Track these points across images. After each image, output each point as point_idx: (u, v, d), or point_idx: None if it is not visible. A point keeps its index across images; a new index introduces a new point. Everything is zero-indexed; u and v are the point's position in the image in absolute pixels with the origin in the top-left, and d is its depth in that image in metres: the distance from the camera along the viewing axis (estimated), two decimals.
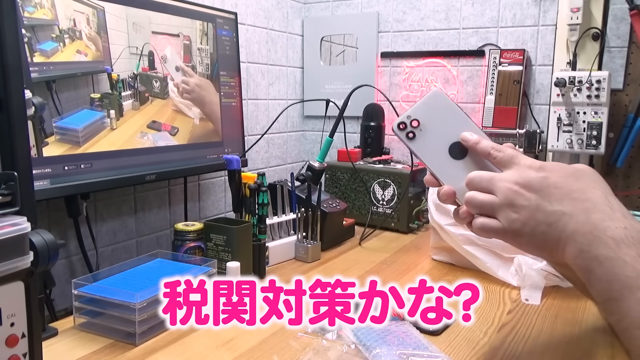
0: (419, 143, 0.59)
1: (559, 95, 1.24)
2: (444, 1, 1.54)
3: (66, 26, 0.91)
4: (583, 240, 0.51)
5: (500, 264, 0.98)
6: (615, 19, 1.31)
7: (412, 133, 0.59)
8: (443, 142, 0.59)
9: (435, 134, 0.59)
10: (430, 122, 0.59)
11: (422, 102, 0.60)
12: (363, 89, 1.34)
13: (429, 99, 0.60)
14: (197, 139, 1.19)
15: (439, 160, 0.58)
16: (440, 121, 0.59)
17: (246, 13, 1.51)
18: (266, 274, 1.01)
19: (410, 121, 0.59)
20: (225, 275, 0.85)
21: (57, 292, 1.00)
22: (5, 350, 0.49)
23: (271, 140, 1.66)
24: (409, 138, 0.59)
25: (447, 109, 0.59)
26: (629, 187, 1.35)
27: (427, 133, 0.59)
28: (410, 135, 0.59)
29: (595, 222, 0.51)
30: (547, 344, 0.73)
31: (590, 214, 0.52)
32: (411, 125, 0.59)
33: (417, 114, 0.59)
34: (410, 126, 0.59)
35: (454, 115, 0.59)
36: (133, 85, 1.03)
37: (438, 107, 0.59)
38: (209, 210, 1.43)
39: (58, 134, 0.90)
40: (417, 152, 0.59)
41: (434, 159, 0.59)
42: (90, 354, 0.70)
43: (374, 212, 1.37)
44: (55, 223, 1.04)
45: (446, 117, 0.59)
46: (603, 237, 0.50)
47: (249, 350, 0.71)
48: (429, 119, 0.59)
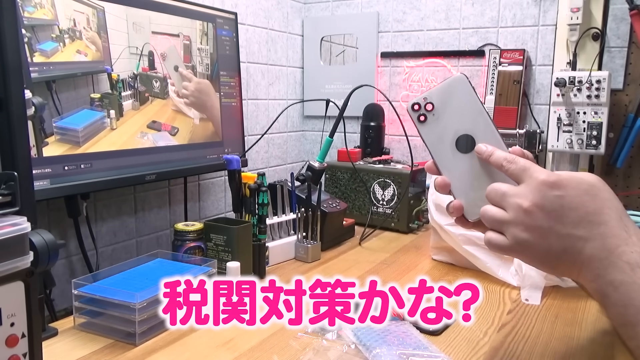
0: (428, 128, 0.57)
1: (559, 95, 1.24)
2: (444, 1, 1.54)
3: (66, 26, 0.91)
4: (599, 265, 0.51)
5: (500, 264, 0.98)
6: (615, 19, 1.31)
7: (424, 116, 0.57)
8: (452, 132, 0.57)
9: (447, 122, 0.57)
10: (446, 108, 0.57)
11: (442, 87, 0.58)
12: (363, 89, 1.34)
13: (450, 85, 0.57)
14: (197, 139, 1.19)
15: (443, 150, 0.57)
16: (456, 110, 0.57)
17: (246, 13, 1.51)
18: (266, 274, 1.01)
19: (425, 104, 0.57)
20: (225, 275, 0.85)
21: (57, 292, 1.00)
22: (5, 350, 0.49)
23: (271, 140, 1.66)
24: (420, 121, 0.57)
25: (466, 98, 0.57)
26: (629, 187, 1.35)
27: (440, 119, 0.57)
28: (422, 119, 0.57)
29: (611, 248, 0.50)
30: (547, 344, 0.73)
31: (605, 239, 0.51)
32: (425, 108, 0.57)
33: (433, 98, 0.57)
34: (424, 109, 0.57)
35: (472, 106, 0.57)
36: (133, 85, 1.03)
37: (457, 95, 0.57)
38: (209, 210, 1.43)
39: (58, 134, 0.90)
40: (424, 137, 0.57)
41: (438, 147, 0.57)
42: (90, 354, 0.70)
43: (374, 212, 1.37)
44: (55, 223, 1.04)
45: (463, 107, 0.57)
46: (619, 262, 0.50)
47: (249, 350, 0.71)
48: (445, 105, 0.57)
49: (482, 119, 0.57)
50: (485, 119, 0.57)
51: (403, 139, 1.63)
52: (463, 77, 0.57)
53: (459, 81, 0.57)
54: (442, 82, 0.58)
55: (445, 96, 0.57)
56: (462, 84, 0.57)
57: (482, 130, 0.57)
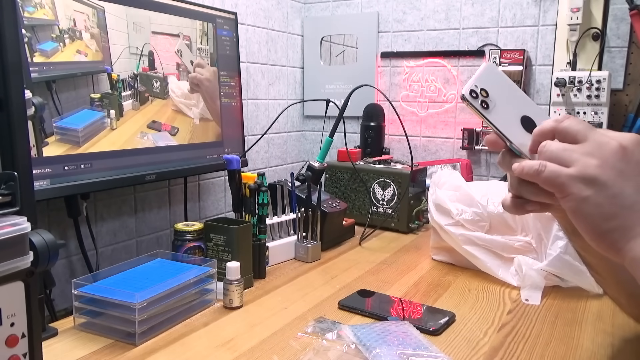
0: (494, 113, 0.56)
1: (559, 95, 1.24)
2: (444, 1, 1.54)
3: (66, 26, 0.91)
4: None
5: (500, 264, 0.98)
6: (615, 19, 1.31)
7: (485, 103, 0.56)
8: (514, 115, 0.56)
9: (504, 106, 0.56)
10: (496, 94, 0.56)
11: (482, 74, 0.57)
12: (363, 89, 1.34)
13: (487, 72, 0.57)
14: (197, 139, 1.19)
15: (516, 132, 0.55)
16: (504, 94, 0.56)
17: (246, 13, 1.51)
18: (266, 274, 1.01)
19: (480, 90, 0.56)
20: (225, 275, 0.85)
21: (57, 292, 1.00)
22: (5, 350, 0.49)
23: (271, 140, 1.66)
24: (484, 107, 0.55)
25: (504, 83, 0.57)
26: None
27: (497, 104, 0.56)
28: (484, 105, 0.56)
29: None
30: (547, 344, 0.73)
31: None
32: (482, 95, 0.56)
33: (482, 84, 0.56)
34: (481, 95, 0.56)
35: (513, 88, 0.57)
36: (133, 85, 1.03)
37: (497, 80, 0.57)
38: (209, 210, 1.43)
39: (58, 134, 0.90)
40: (495, 122, 0.55)
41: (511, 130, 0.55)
42: (90, 354, 0.70)
43: (374, 212, 1.37)
44: (55, 223, 1.04)
45: (507, 91, 0.57)
46: None
47: (249, 350, 0.71)
48: (494, 90, 0.56)
49: (527, 100, 0.57)
50: (529, 100, 0.57)
51: (403, 139, 1.63)
52: (493, 65, 0.58)
53: (491, 68, 0.57)
54: (478, 71, 0.57)
55: (490, 82, 0.57)
56: (494, 70, 0.57)
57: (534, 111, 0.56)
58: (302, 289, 0.94)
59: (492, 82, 0.57)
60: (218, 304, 0.86)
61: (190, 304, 0.82)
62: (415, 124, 1.63)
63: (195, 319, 0.81)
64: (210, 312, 0.83)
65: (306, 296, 0.90)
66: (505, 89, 0.57)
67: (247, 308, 0.85)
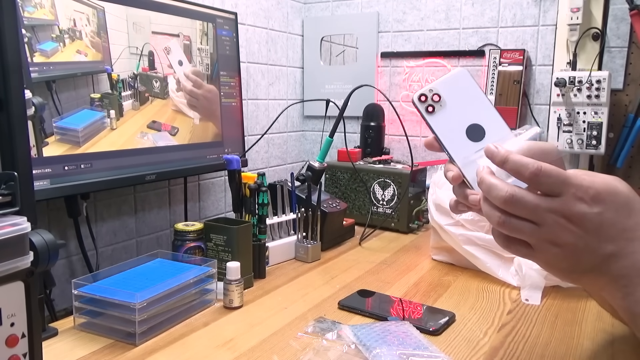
0: (437, 118, 0.57)
1: (559, 95, 1.24)
2: (444, 1, 1.54)
3: (66, 26, 0.91)
4: (628, 283, 0.49)
5: (500, 264, 0.98)
6: (615, 19, 1.31)
7: (432, 107, 0.57)
8: (462, 122, 0.57)
9: (454, 112, 0.57)
10: (452, 99, 0.57)
11: (446, 79, 0.58)
12: (363, 89, 1.34)
13: (453, 77, 0.58)
14: (197, 139, 1.19)
15: (456, 139, 0.57)
16: (462, 101, 0.57)
17: (246, 13, 1.51)
18: (266, 274, 1.01)
19: (432, 95, 0.57)
20: (225, 275, 0.85)
21: (57, 292, 1.00)
22: (5, 350, 0.49)
23: (271, 140, 1.66)
24: (428, 112, 0.57)
25: (470, 91, 0.58)
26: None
27: (447, 109, 0.57)
28: (430, 109, 0.57)
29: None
30: (547, 344, 0.73)
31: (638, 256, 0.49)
32: (432, 99, 0.57)
33: (439, 89, 0.58)
34: (431, 100, 0.57)
35: (477, 98, 0.58)
36: (133, 85, 1.03)
37: (461, 87, 0.58)
38: (209, 210, 1.43)
39: (58, 134, 0.90)
40: (434, 127, 0.57)
41: (450, 136, 0.57)
42: (90, 354, 0.70)
43: (374, 212, 1.37)
44: (55, 223, 1.04)
45: (468, 98, 0.57)
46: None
47: (249, 350, 0.71)
48: (451, 96, 0.57)
49: (489, 110, 0.57)
50: (492, 111, 0.57)
51: (403, 139, 1.63)
52: (465, 71, 0.59)
53: (462, 74, 0.59)
54: (445, 75, 0.59)
55: (450, 87, 0.58)
56: (465, 77, 0.58)
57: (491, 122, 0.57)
58: (302, 289, 0.94)
59: (453, 89, 0.58)
60: (218, 304, 0.86)
61: (190, 304, 0.82)
62: (415, 124, 1.63)
63: (195, 319, 0.81)
64: (210, 312, 0.83)
65: (306, 296, 0.90)
66: (466, 98, 0.58)
67: (247, 308, 0.85)
